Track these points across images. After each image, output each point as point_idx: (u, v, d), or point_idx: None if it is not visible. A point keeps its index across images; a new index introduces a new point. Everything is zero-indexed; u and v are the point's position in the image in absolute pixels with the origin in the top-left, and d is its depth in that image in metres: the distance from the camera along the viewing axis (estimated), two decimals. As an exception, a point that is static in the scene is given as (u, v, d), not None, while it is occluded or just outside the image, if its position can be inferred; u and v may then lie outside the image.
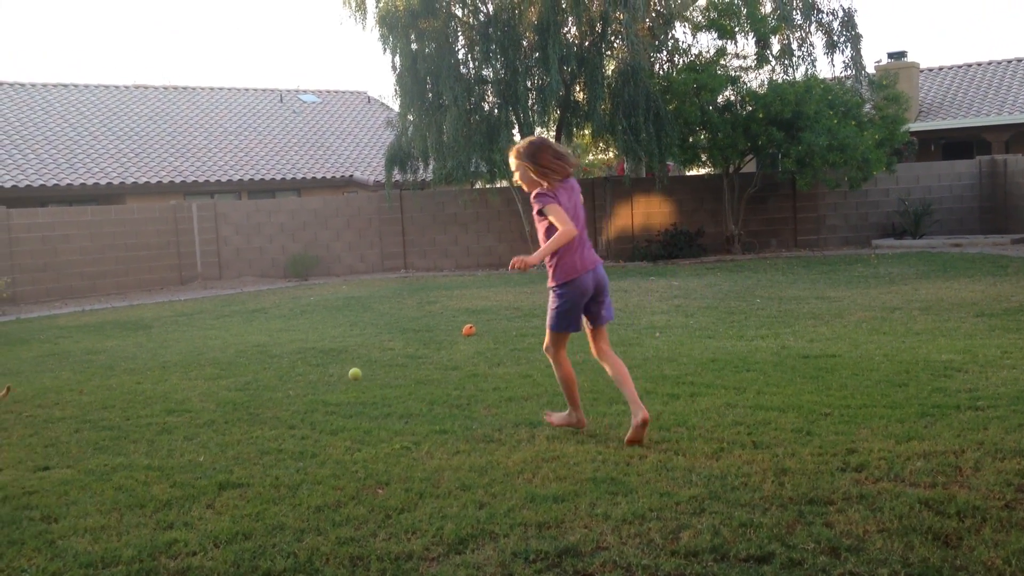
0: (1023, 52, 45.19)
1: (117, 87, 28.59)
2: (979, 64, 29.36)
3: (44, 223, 18.51)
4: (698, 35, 20.46)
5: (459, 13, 19.23)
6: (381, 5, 19.05)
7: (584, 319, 5.45)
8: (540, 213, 5.27)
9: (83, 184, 21.85)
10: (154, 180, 22.98)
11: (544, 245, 5.25)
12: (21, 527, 4.35)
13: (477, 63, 19.11)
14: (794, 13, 20.20)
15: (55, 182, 21.58)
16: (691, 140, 19.89)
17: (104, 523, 4.34)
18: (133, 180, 22.64)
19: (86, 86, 28.00)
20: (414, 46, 18.71)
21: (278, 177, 24.84)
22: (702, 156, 20.70)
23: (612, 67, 19.32)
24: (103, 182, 22.13)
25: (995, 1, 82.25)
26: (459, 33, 19.13)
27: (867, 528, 3.79)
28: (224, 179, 23.94)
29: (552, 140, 5.58)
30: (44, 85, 27.21)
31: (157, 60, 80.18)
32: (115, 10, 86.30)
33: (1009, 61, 28.90)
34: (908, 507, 3.97)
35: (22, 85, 26.79)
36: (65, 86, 27.60)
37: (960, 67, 29.67)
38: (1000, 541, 3.60)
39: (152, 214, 20.04)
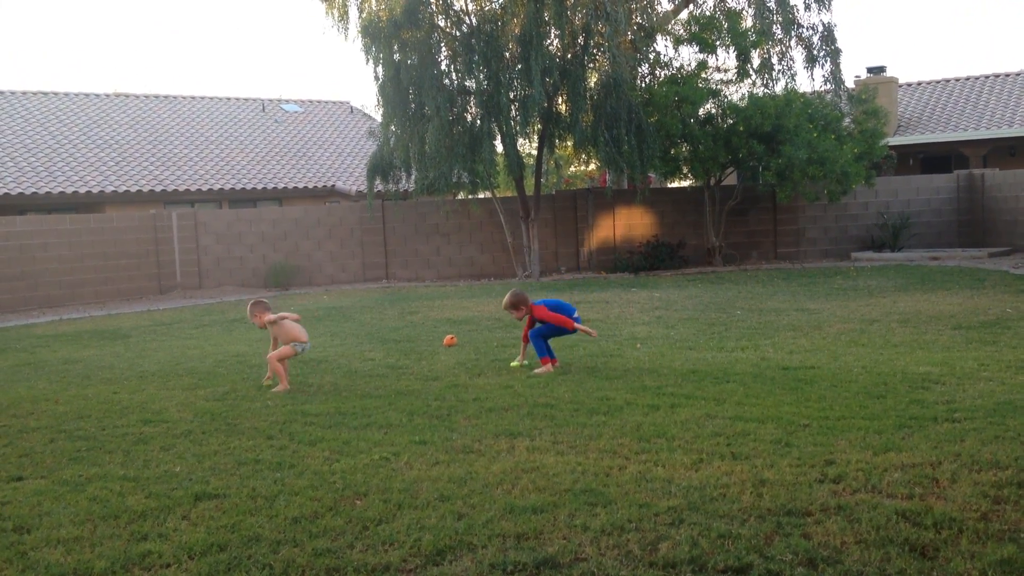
0: (1000, 68, 45.70)
1: (97, 95, 28.43)
2: (957, 79, 29.69)
3: (22, 231, 18.35)
4: (680, 48, 20.57)
5: (442, 24, 19.25)
6: (364, 15, 19.04)
7: None
8: None
9: (62, 192, 21.70)
10: (134, 189, 22.86)
11: None
12: (-7, 538, 4.29)
13: (460, 74, 19.11)
14: (774, 28, 20.37)
15: (34, 190, 21.42)
16: (672, 152, 19.99)
17: (77, 534, 4.29)
18: (113, 189, 22.51)
19: (66, 94, 27.84)
20: (397, 56, 18.70)
21: (259, 186, 24.76)
22: (683, 168, 20.80)
23: (594, 79, 19.39)
24: (82, 191, 21.99)
25: (973, 18, 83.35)
26: (442, 44, 19.14)
27: (845, 539, 3.79)
28: (205, 188, 23.84)
29: None
30: (24, 93, 27.03)
31: (138, 68, 79.86)
32: (96, 18, 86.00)
33: (987, 76, 29.24)
34: (885, 518, 3.98)
35: (1, 93, 26.60)
36: (45, 94, 27.42)
37: (938, 82, 29.99)
38: (976, 552, 3.61)
39: (132, 223, 19.91)
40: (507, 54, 18.41)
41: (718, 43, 19.83)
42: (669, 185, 24.89)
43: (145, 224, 20.06)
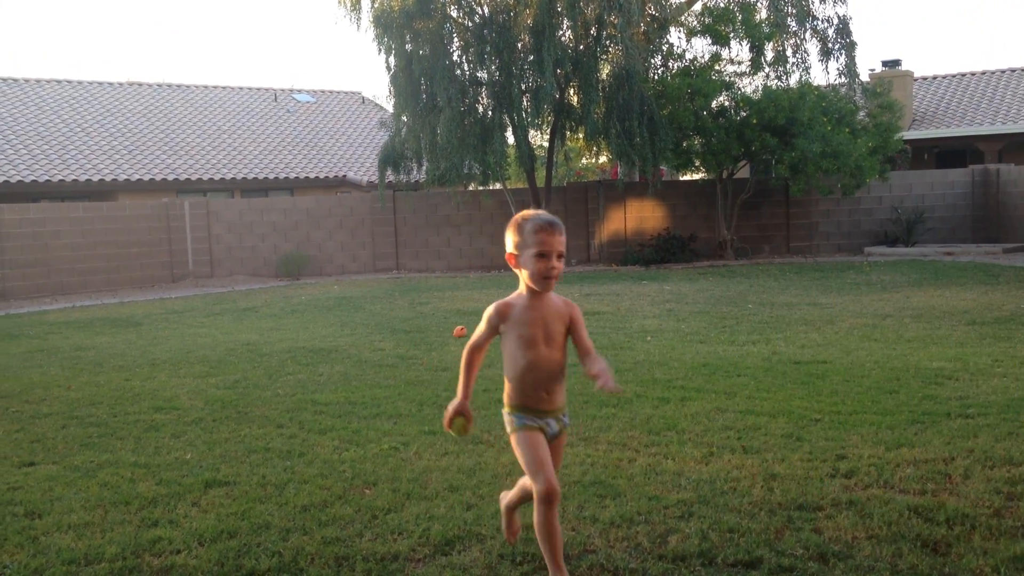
0: (1016, 62, 45.38)
1: (111, 84, 28.49)
2: (973, 74, 29.47)
3: (35, 219, 18.42)
4: (693, 40, 20.46)
5: (454, 14, 19.21)
6: (376, 5, 19.01)
7: None
8: None
9: (75, 180, 21.76)
10: (147, 177, 22.91)
11: None
12: (4, 523, 4.31)
13: (472, 65, 19.07)
14: (789, 20, 20.22)
15: (47, 178, 21.49)
16: (685, 145, 19.90)
17: (88, 520, 4.31)
18: (126, 177, 22.56)
19: (80, 82, 27.90)
20: (409, 47, 18.67)
21: (271, 176, 24.79)
22: (695, 161, 20.70)
23: (606, 71, 19.31)
24: (95, 179, 22.05)
25: (989, 12, 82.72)
26: (454, 34, 19.09)
27: (856, 534, 3.77)
28: (217, 177, 23.88)
29: None
30: (38, 81, 27.10)
31: (152, 57, 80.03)
32: (110, 7, 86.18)
33: (1003, 71, 29.01)
34: (897, 514, 3.96)
35: (15, 80, 26.68)
36: (59, 82, 27.49)
37: (954, 76, 29.77)
38: (989, 549, 3.58)
39: (144, 211, 19.97)
40: (519, 45, 18.36)
41: (732, 35, 19.71)
42: (681, 178, 24.80)
43: (158, 213, 20.11)
